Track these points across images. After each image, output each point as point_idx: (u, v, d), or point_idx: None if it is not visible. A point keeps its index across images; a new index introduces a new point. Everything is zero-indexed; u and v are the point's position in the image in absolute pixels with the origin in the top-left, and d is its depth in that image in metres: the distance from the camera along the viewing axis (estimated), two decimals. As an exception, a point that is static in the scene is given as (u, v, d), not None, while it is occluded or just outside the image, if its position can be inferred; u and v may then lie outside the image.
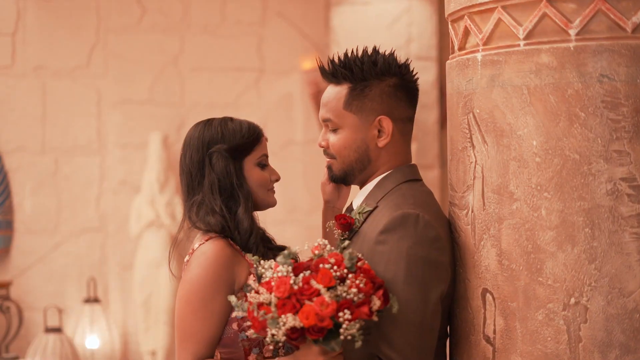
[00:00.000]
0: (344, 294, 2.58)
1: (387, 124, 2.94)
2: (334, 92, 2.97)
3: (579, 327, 2.65)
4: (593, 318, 2.64)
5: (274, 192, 3.15)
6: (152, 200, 7.14)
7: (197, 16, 7.66)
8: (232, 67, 7.71)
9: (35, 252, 7.36)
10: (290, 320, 2.57)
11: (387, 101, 2.95)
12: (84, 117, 7.50)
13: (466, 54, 2.91)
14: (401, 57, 3.01)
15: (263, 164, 3.09)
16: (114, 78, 7.55)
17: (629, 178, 2.63)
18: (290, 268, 2.66)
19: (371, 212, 2.92)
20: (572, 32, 2.66)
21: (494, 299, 2.79)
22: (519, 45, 2.75)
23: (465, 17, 2.88)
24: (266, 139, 3.13)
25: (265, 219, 7.92)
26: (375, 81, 2.94)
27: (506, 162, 2.76)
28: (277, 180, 3.13)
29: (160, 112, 7.57)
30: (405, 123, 2.97)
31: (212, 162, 3.02)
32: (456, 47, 2.98)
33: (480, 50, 2.84)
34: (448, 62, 3.05)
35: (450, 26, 3.02)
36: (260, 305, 2.64)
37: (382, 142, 2.95)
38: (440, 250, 2.81)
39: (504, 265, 2.76)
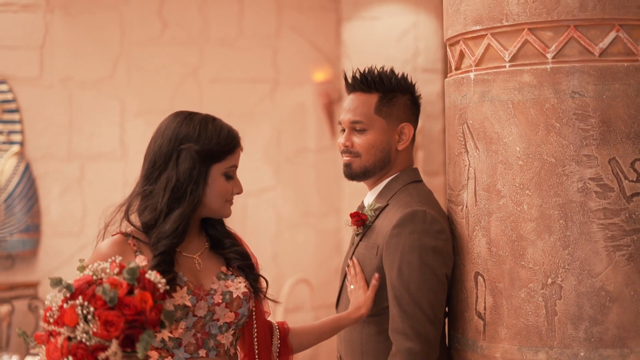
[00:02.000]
0: (79, 337, 2.30)
1: (409, 130, 3.26)
2: (363, 99, 3.23)
3: (555, 303, 2.88)
4: (567, 295, 2.87)
5: (231, 203, 2.92)
6: (172, 205, 7.19)
7: (215, 30, 7.69)
8: (249, 78, 7.76)
9: (62, 254, 7.36)
10: (42, 354, 2.38)
11: (408, 112, 3.28)
12: (108, 125, 7.53)
13: (461, 73, 3.13)
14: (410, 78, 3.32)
15: (229, 175, 2.87)
16: (137, 88, 7.57)
17: (597, 178, 2.86)
18: (61, 295, 2.37)
19: (383, 209, 3.20)
20: (549, 55, 2.91)
21: (484, 280, 3.02)
22: (505, 66, 2.97)
23: (461, 42, 3.11)
24: (241, 149, 2.91)
25: (279, 223, 7.88)
26: (399, 94, 3.25)
27: (494, 165, 2.98)
28: (239, 193, 2.91)
29: (180, 121, 7.49)
30: (414, 133, 3.30)
31: (178, 159, 2.79)
32: (453, 67, 3.20)
33: (473, 70, 3.07)
34: (446, 80, 3.26)
35: (448, 49, 3.25)
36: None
37: (401, 146, 3.25)
38: (445, 241, 3.09)
39: (493, 252, 2.99)
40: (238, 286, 2.88)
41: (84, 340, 2.30)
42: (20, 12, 7.39)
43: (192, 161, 2.79)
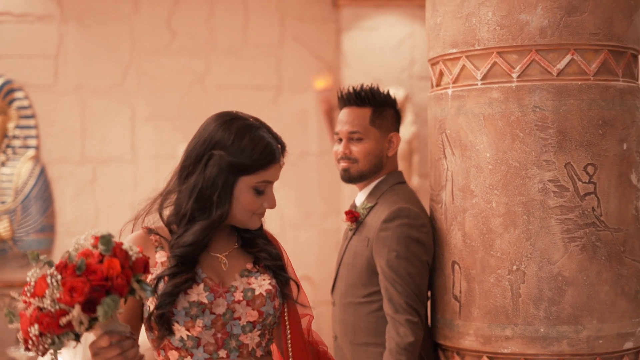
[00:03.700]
0: (46, 305, 2.16)
1: (397, 139, 3.54)
2: (359, 112, 3.49)
3: (519, 287, 3.09)
4: (529, 280, 3.08)
5: (261, 216, 2.62)
6: (181, 207, 7.07)
7: (221, 39, 7.70)
8: (253, 86, 7.75)
9: (75, 253, 7.45)
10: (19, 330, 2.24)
11: (395, 123, 3.57)
12: (119, 130, 7.56)
13: (441, 89, 3.32)
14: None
15: (260, 190, 2.55)
16: (146, 95, 7.59)
17: (554, 180, 3.07)
18: (39, 271, 2.21)
19: (372, 207, 3.49)
20: (514, 75, 3.11)
21: (460, 268, 3.22)
22: (477, 84, 3.17)
23: (440, 62, 3.32)
24: (281, 165, 2.60)
25: (283, 223, 7.81)
26: (388, 107, 3.54)
27: (468, 169, 3.18)
28: (271, 208, 2.60)
29: (188, 126, 6.68)
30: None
31: (207, 164, 2.51)
32: (434, 84, 3.40)
33: (451, 87, 3.26)
34: (428, 95, 3.45)
35: (430, 68, 3.45)
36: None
37: (391, 152, 3.54)
38: (426, 234, 3.36)
39: (467, 243, 3.19)
40: (262, 283, 2.60)
41: (49, 307, 2.14)
42: (36, 22, 7.49)
43: (218, 169, 2.51)
